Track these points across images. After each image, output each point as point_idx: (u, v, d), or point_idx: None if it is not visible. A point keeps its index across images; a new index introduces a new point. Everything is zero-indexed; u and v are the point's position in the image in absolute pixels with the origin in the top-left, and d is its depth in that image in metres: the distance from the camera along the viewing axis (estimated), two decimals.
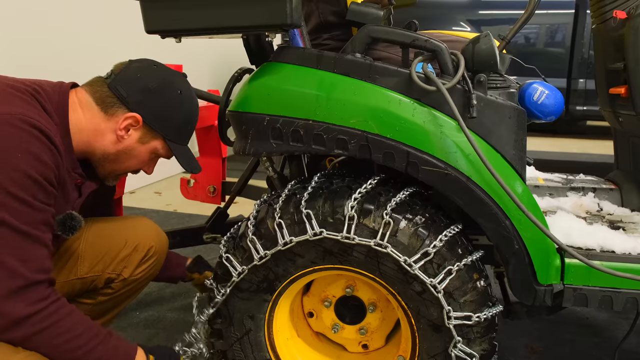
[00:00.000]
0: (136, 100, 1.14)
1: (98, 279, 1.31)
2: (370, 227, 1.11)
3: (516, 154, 1.15)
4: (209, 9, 1.10)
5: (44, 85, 1.10)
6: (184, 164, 1.23)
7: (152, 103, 1.16)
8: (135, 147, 1.18)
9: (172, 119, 1.19)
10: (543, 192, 1.62)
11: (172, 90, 1.19)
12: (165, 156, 1.25)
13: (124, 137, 1.15)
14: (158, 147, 1.21)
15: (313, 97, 1.14)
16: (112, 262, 1.32)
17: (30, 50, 2.72)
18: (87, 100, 1.13)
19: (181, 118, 1.21)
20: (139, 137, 1.17)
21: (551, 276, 1.17)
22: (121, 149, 1.17)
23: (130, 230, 1.37)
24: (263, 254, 1.16)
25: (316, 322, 1.37)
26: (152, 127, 1.17)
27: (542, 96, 1.23)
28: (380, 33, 1.17)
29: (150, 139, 1.19)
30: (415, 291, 1.12)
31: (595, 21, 1.66)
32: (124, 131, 1.14)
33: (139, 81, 1.15)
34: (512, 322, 1.78)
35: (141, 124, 1.15)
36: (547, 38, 4.32)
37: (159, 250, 1.40)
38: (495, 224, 1.12)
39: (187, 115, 1.23)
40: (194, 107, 1.26)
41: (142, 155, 1.21)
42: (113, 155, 1.17)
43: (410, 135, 1.11)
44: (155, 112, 1.16)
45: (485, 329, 1.13)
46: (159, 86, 1.17)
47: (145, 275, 1.38)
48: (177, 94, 1.19)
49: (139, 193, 3.56)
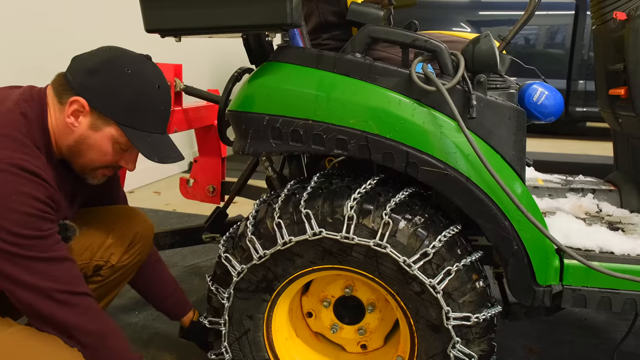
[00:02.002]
0: (79, 82, 1.07)
1: (86, 266, 1.32)
2: (370, 227, 1.10)
3: (516, 154, 1.15)
4: (209, 8, 1.10)
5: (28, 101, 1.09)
6: (144, 151, 1.10)
7: (94, 84, 1.07)
8: (89, 136, 1.10)
9: (117, 98, 1.08)
10: (542, 193, 1.62)
11: (116, 69, 1.08)
12: (126, 144, 1.13)
13: (74, 125, 1.09)
14: (114, 135, 1.10)
15: (313, 97, 1.14)
16: (99, 249, 1.33)
17: (30, 51, 2.71)
18: (51, 95, 1.11)
19: (128, 97, 1.08)
20: (89, 124, 1.09)
21: (550, 277, 1.17)
22: (77, 139, 1.10)
23: (116, 217, 1.38)
24: (262, 253, 1.16)
25: (315, 322, 1.37)
26: (99, 111, 1.08)
27: (542, 97, 1.23)
28: (380, 33, 1.17)
29: (102, 125, 1.09)
30: (414, 291, 1.12)
31: (595, 22, 1.66)
32: (72, 118, 1.08)
33: (84, 63, 1.09)
34: (510, 323, 1.78)
35: (87, 109, 1.07)
36: (547, 39, 4.32)
37: (145, 236, 1.41)
38: (495, 224, 1.12)
39: (138, 94, 1.09)
40: (148, 86, 1.11)
41: (101, 145, 1.11)
42: (74, 148, 1.12)
43: (410, 136, 1.11)
44: (98, 93, 1.07)
45: (484, 329, 1.13)
46: (102, 65, 1.08)
47: (132, 261, 1.38)
48: (123, 72, 1.08)
49: (138, 193, 3.56)
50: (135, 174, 1.28)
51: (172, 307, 1.51)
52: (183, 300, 1.53)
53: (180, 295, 1.52)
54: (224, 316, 1.25)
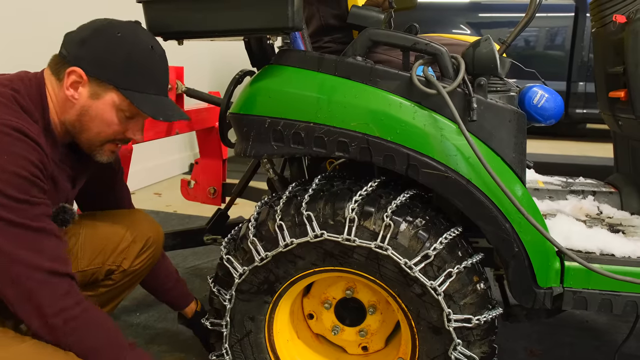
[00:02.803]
0: (74, 55, 1.07)
1: (98, 271, 1.32)
2: (371, 230, 1.11)
3: (516, 157, 1.15)
4: (211, 12, 1.10)
5: (23, 80, 1.08)
6: (148, 110, 1.09)
7: (88, 52, 1.07)
8: (90, 106, 1.09)
9: (113, 62, 1.07)
10: (543, 195, 1.62)
11: (108, 35, 1.08)
12: (129, 110, 1.11)
13: (75, 97, 1.08)
14: (116, 100, 1.09)
15: (314, 100, 1.15)
16: (112, 254, 1.33)
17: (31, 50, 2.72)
18: (48, 75, 1.11)
19: (123, 59, 1.08)
20: (89, 93, 1.08)
21: (551, 279, 1.17)
22: (79, 111, 1.09)
23: (128, 222, 1.38)
24: (264, 255, 1.17)
25: (316, 324, 1.37)
26: (97, 78, 1.07)
27: (542, 100, 1.23)
28: (381, 36, 1.17)
29: (102, 92, 1.08)
30: (416, 293, 1.12)
31: (594, 25, 1.67)
32: (72, 90, 1.08)
33: (76, 36, 1.09)
34: (511, 325, 1.79)
35: (85, 78, 1.07)
36: (547, 41, 4.33)
37: (156, 241, 1.42)
38: (495, 226, 1.13)
39: (132, 55, 1.08)
40: (141, 47, 1.10)
41: (104, 114, 1.10)
42: (77, 122, 1.11)
43: (411, 138, 1.11)
44: (92, 59, 1.07)
45: (485, 331, 1.14)
46: (93, 33, 1.08)
47: (144, 265, 1.39)
48: (115, 37, 1.08)
49: (139, 194, 3.56)
50: (136, 175, 1.28)
51: (175, 298, 1.53)
52: (185, 292, 1.55)
53: (183, 287, 1.55)
54: (225, 318, 1.25)
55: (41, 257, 0.97)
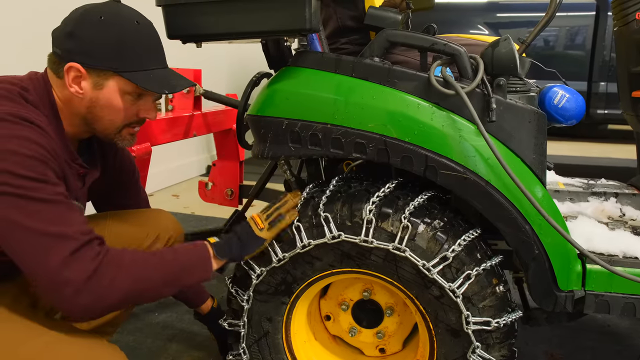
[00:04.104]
0: (65, 50, 1.06)
1: None
2: (389, 231, 1.11)
3: (536, 158, 1.14)
4: (230, 14, 1.11)
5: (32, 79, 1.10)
6: (154, 87, 1.08)
7: (77, 44, 1.05)
8: (97, 96, 1.08)
9: (104, 49, 1.06)
10: (563, 197, 1.60)
11: (90, 21, 1.06)
12: (135, 91, 1.10)
13: (80, 92, 1.08)
14: (120, 85, 1.08)
15: (331, 101, 1.15)
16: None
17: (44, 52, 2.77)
18: (51, 76, 1.11)
19: (113, 42, 1.06)
20: (92, 85, 1.07)
21: (572, 282, 1.15)
22: (88, 104, 1.09)
23: (151, 221, 1.41)
24: (281, 256, 1.17)
25: (333, 325, 1.37)
26: (95, 67, 1.06)
27: (563, 100, 1.21)
28: (398, 37, 1.17)
29: (104, 81, 1.07)
30: (434, 295, 1.11)
31: (617, 24, 1.64)
32: (75, 86, 1.07)
33: (62, 30, 1.08)
34: (531, 328, 1.76)
35: (84, 71, 1.06)
36: (567, 41, 4.27)
37: (177, 240, 1.44)
38: (515, 228, 1.11)
39: (120, 35, 1.07)
40: (127, 24, 1.08)
41: (112, 102, 1.09)
42: (89, 115, 1.11)
43: (429, 139, 1.10)
44: (83, 50, 1.05)
45: (505, 334, 1.12)
46: (76, 24, 1.06)
47: None
48: (98, 21, 1.06)
49: (157, 196, 3.60)
50: (154, 177, 1.29)
51: (191, 296, 1.55)
52: (201, 289, 1.56)
53: (198, 286, 1.55)
54: (243, 318, 1.26)
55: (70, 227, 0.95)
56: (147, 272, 1.03)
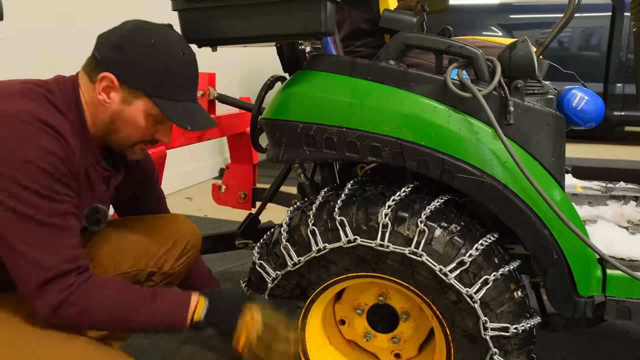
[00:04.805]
0: (107, 58, 1.07)
1: (140, 273, 1.35)
2: (405, 235, 1.10)
3: (555, 161, 1.12)
4: (245, 18, 1.12)
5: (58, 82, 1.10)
6: (177, 120, 1.09)
7: (121, 58, 1.06)
8: (122, 110, 1.09)
9: (144, 70, 1.07)
10: (581, 201, 1.57)
11: (140, 41, 1.07)
12: (159, 116, 1.11)
13: (107, 102, 1.09)
14: (147, 107, 1.09)
15: (347, 105, 1.15)
16: (154, 257, 1.36)
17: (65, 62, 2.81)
18: (82, 76, 1.12)
19: (155, 67, 1.07)
20: (121, 99, 1.08)
21: (592, 287, 1.13)
22: (111, 115, 1.10)
23: (169, 226, 1.42)
24: (296, 260, 1.17)
25: (348, 330, 1.36)
26: (128, 85, 1.07)
27: (582, 102, 1.19)
28: (414, 40, 1.16)
29: (133, 99, 1.09)
30: (451, 301, 1.10)
31: (635, 24, 1.61)
32: (104, 95, 1.08)
33: (109, 39, 1.09)
34: (549, 334, 1.73)
35: (117, 84, 1.07)
36: (582, 42, 4.22)
37: (195, 245, 1.45)
38: (533, 233, 1.10)
39: (164, 63, 1.08)
40: (173, 54, 1.10)
41: (135, 119, 1.10)
42: (110, 125, 1.12)
43: (445, 143, 1.09)
44: (124, 66, 1.06)
45: (523, 340, 1.11)
46: (125, 38, 1.07)
47: (182, 268, 1.42)
48: (147, 43, 1.07)
49: (170, 198, 3.61)
50: (167, 180, 1.29)
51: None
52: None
53: (216, 286, 1.56)
54: None
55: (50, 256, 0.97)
56: (124, 309, 1.05)
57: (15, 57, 2.51)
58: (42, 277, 0.97)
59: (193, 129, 1.12)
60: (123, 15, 1.21)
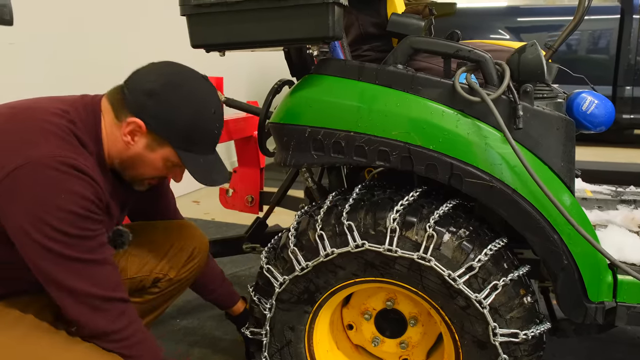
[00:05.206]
0: (139, 104, 1.08)
1: (146, 279, 1.36)
2: (413, 240, 1.09)
3: (564, 165, 1.11)
4: (254, 23, 1.12)
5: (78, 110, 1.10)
6: (196, 176, 1.12)
7: (153, 107, 1.07)
8: (144, 155, 1.11)
9: (176, 124, 1.08)
10: (591, 205, 1.56)
11: (177, 93, 1.08)
12: (178, 164, 1.14)
13: (130, 144, 1.10)
14: (169, 156, 1.12)
15: (355, 109, 1.14)
16: (160, 263, 1.36)
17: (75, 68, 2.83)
18: (106, 107, 1.12)
19: (187, 123, 1.09)
20: (145, 144, 1.10)
21: (603, 293, 1.12)
22: (132, 155, 1.12)
23: (175, 232, 1.42)
24: (304, 265, 1.17)
25: (356, 335, 1.36)
26: (156, 134, 1.09)
27: (592, 106, 1.19)
28: (422, 44, 1.16)
29: (158, 147, 1.10)
30: (460, 306, 1.09)
31: None
32: (129, 137, 1.10)
33: (144, 84, 1.09)
34: (558, 340, 1.71)
35: (145, 130, 1.08)
36: (590, 45, 4.19)
37: (202, 251, 1.45)
38: (543, 238, 1.09)
39: (196, 120, 1.10)
40: (205, 111, 1.12)
41: (155, 163, 1.13)
42: (127, 162, 1.14)
43: (454, 147, 1.09)
44: (156, 116, 1.07)
45: (533, 347, 1.10)
46: (162, 88, 1.08)
47: (189, 275, 1.42)
48: (182, 97, 1.08)
49: (178, 202, 3.60)
50: (174, 184, 1.30)
51: (220, 298, 1.56)
52: (231, 291, 1.57)
53: (228, 287, 1.57)
54: (265, 327, 1.26)
55: (97, 286, 1.01)
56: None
57: (25, 61, 2.53)
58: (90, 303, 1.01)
59: (208, 185, 1.14)
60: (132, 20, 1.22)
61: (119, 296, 1.05)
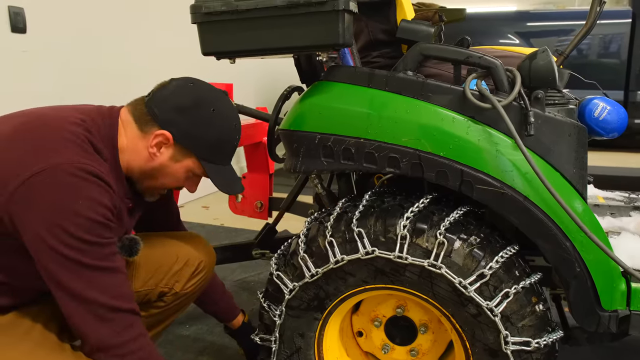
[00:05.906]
0: (167, 118, 1.13)
1: (151, 292, 1.35)
2: (424, 247, 1.09)
3: (576, 172, 1.10)
4: (264, 31, 1.12)
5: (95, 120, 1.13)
6: (219, 185, 1.18)
7: (182, 121, 1.13)
8: (168, 165, 1.16)
9: (203, 138, 1.15)
10: (604, 212, 1.54)
11: (204, 108, 1.15)
12: (201, 175, 1.21)
13: (156, 155, 1.14)
14: (192, 166, 1.18)
15: (364, 116, 1.14)
16: (165, 276, 1.36)
17: (86, 76, 2.86)
18: (128, 119, 1.16)
19: (213, 137, 1.16)
20: (171, 155, 1.15)
21: (616, 301, 1.10)
22: (155, 166, 1.16)
23: (181, 245, 1.41)
24: (314, 272, 1.16)
25: (366, 342, 1.35)
26: (183, 146, 1.14)
27: (604, 112, 1.18)
28: (432, 50, 1.16)
29: (182, 158, 1.16)
30: (470, 314, 1.08)
31: None
32: (155, 148, 1.14)
33: (172, 99, 1.14)
34: (571, 348, 1.69)
35: (172, 142, 1.13)
36: (601, 49, 4.17)
37: (208, 265, 1.44)
38: (555, 245, 1.08)
39: (221, 134, 1.18)
40: (229, 126, 1.20)
41: (177, 174, 1.19)
42: (149, 172, 1.17)
43: (464, 154, 1.08)
44: (185, 130, 1.13)
45: (545, 355, 1.08)
46: (190, 104, 1.14)
47: (195, 289, 1.41)
48: (210, 112, 1.15)
49: (187, 207, 3.65)
50: (184, 189, 1.31)
51: (221, 311, 1.57)
52: (232, 305, 1.58)
53: (229, 300, 1.57)
54: (275, 333, 1.25)
55: (106, 295, 1.01)
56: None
57: (39, 69, 2.57)
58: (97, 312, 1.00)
59: (226, 193, 1.22)
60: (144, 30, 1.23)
61: (127, 307, 1.04)
